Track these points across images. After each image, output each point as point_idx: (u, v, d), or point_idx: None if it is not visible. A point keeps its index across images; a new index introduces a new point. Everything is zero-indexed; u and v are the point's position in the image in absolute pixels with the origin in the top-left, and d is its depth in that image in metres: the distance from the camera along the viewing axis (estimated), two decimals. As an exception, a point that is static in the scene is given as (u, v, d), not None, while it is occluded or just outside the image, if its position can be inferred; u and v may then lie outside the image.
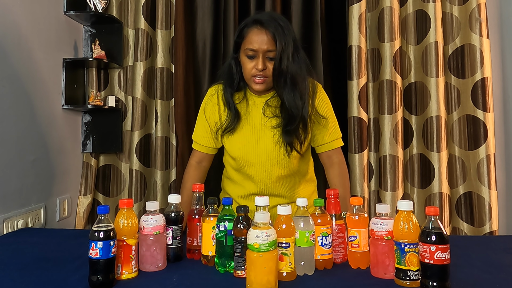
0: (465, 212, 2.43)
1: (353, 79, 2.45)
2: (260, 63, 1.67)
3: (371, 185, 2.52)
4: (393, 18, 2.46)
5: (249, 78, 1.73)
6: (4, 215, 1.93)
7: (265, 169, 1.76)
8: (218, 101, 1.85)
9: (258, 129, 1.78)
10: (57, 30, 2.44)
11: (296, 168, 1.81)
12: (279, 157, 1.75)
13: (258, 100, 1.82)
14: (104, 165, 2.76)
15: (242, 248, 1.20)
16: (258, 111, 1.80)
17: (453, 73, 2.49)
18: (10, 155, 2.00)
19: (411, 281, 1.14)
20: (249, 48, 1.68)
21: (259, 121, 1.79)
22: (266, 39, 1.67)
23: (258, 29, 1.69)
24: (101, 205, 2.02)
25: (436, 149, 2.40)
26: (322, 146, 1.84)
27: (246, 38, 1.71)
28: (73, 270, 1.31)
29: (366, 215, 1.33)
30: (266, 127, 1.77)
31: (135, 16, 2.66)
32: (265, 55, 1.68)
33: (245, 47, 1.70)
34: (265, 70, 1.69)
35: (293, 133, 1.73)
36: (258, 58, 1.68)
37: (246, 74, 1.73)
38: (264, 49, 1.67)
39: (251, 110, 1.81)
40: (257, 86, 1.72)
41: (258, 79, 1.70)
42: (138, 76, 2.59)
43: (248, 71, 1.71)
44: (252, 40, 1.68)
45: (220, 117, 1.82)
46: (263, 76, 1.70)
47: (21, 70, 2.10)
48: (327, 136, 1.83)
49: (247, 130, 1.79)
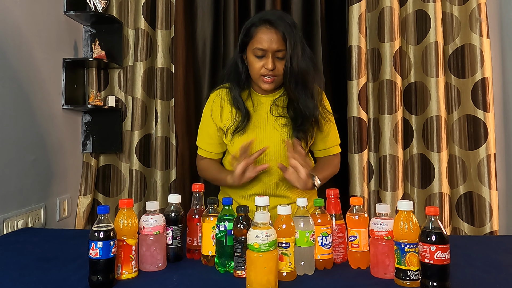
0: (465, 212, 2.43)
1: (353, 79, 2.45)
2: (270, 63, 1.67)
3: (371, 185, 2.52)
4: (393, 18, 2.46)
5: (258, 78, 1.73)
6: (4, 215, 1.93)
7: (268, 169, 1.76)
8: (222, 104, 1.84)
9: (263, 129, 1.78)
10: (57, 30, 2.44)
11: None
12: (284, 157, 1.74)
13: (263, 100, 1.82)
14: (104, 165, 2.76)
15: (242, 248, 1.20)
16: (263, 111, 1.80)
17: (453, 73, 2.49)
18: (10, 155, 2.00)
19: (411, 281, 1.14)
20: (258, 47, 1.68)
21: (264, 121, 1.79)
22: (276, 39, 1.67)
23: (267, 29, 1.68)
24: (101, 205, 2.02)
25: (436, 149, 2.40)
26: (321, 151, 1.89)
27: (254, 37, 1.70)
28: (73, 270, 1.31)
29: (366, 215, 1.33)
30: (273, 127, 1.77)
31: (135, 16, 2.66)
32: (274, 55, 1.68)
33: (253, 47, 1.70)
34: (274, 70, 1.69)
35: (306, 131, 1.75)
36: (268, 57, 1.68)
37: (254, 73, 1.73)
38: (273, 48, 1.67)
39: (256, 109, 1.81)
40: (266, 86, 1.73)
41: (268, 79, 1.71)
42: (138, 76, 2.59)
43: (256, 70, 1.71)
44: (261, 39, 1.68)
45: (228, 119, 1.80)
46: (273, 75, 1.70)
47: (21, 70, 2.10)
48: (327, 142, 1.87)
49: (252, 131, 1.78)
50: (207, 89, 2.65)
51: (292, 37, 1.66)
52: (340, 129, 1.95)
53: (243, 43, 1.76)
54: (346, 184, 2.45)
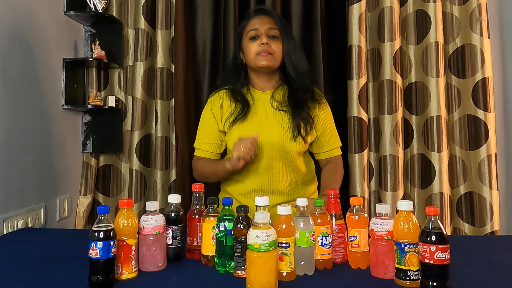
0: (466, 213, 2.43)
1: (353, 79, 2.45)
2: (264, 38, 1.76)
3: (371, 185, 2.51)
4: (393, 18, 2.45)
5: (254, 58, 1.79)
6: (4, 215, 1.93)
7: (268, 162, 1.78)
8: (222, 102, 1.88)
9: (263, 123, 1.81)
10: (57, 30, 2.44)
11: (297, 164, 1.83)
12: (283, 149, 1.78)
13: (262, 95, 1.86)
14: (104, 165, 2.76)
15: (242, 248, 1.20)
16: (263, 105, 1.84)
17: (453, 73, 2.48)
18: (10, 155, 2.00)
19: (411, 281, 1.14)
20: (251, 29, 1.79)
21: (264, 115, 1.83)
22: (267, 20, 1.80)
23: (259, 15, 1.84)
24: (101, 205, 2.02)
25: (437, 149, 2.40)
26: (322, 154, 1.92)
27: (247, 25, 1.83)
28: (73, 270, 1.31)
29: (366, 215, 1.33)
30: (273, 117, 1.81)
31: (135, 16, 2.66)
32: (267, 33, 1.78)
33: (247, 32, 1.81)
34: (269, 46, 1.76)
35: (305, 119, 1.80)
36: (261, 35, 1.78)
37: (251, 56, 1.80)
38: (266, 28, 1.78)
39: (256, 104, 1.85)
40: (263, 62, 1.78)
41: (264, 53, 1.76)
42: (138, 76, 2.59)
43: (253, 51, 1.79)
44: (253, 23, 1.81)
45: (228, 112, 1.85)
46: (268, 52, 1.77)
47: (21, 70, 2.10)
48: (328, 144, 1.91)
49: (252, 125, 1.81)
50: (207, 89, 2.65)
51: (283, 21, 1.85)
52: (340, 129, 1.96)
53: (239, 36, 1.88)
54: (346, 184, 2.45)
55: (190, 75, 2.64)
